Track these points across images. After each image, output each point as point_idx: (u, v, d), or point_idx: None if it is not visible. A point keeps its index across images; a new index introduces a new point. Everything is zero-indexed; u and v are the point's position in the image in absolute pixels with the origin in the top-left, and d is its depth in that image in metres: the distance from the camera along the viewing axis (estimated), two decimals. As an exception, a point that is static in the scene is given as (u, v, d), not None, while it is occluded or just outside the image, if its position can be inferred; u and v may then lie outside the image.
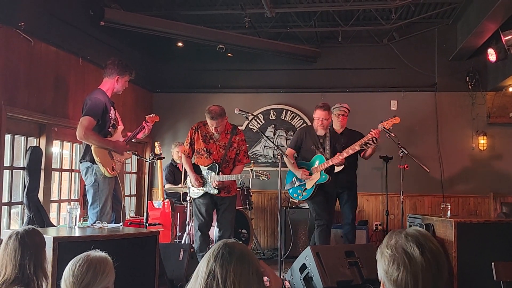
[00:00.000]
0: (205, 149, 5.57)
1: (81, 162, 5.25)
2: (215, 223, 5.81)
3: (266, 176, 5.54)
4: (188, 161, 5.70)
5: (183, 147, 5.78)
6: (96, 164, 5.09)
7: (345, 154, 5.83)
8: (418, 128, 8.39)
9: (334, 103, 6.55)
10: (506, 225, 5.37)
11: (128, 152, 5.51)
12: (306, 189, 5.96)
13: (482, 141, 8.21)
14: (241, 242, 2.06)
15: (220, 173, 5.50)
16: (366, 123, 6.72)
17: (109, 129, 5.29)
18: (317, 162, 5.95)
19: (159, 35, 7.58)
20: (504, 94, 8.12)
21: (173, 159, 7.75)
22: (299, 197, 6.04)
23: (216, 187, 5.46)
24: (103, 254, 2.31)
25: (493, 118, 8.23)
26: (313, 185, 5.89)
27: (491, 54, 7.03)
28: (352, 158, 6.16)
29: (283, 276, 5.35)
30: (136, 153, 5.59)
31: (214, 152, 5.56)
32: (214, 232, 5.88)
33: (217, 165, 5.51)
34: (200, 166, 5.63)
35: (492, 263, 3.15)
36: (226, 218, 5.59)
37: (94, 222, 4.73)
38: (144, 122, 5.64)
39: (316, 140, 6.05)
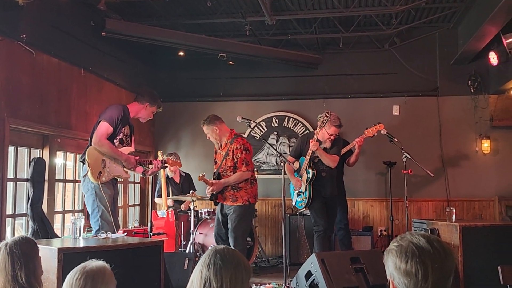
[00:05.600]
0: (215, 159, 5.80)
1: (82, 163, 5.16)
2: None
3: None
4: None
5: None
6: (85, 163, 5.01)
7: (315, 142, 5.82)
8: (421, 132, 8.36)
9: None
10: (511, 228, 5.36)
11: (127, 171, 5.34)
12: (303, 193, 5.97)
13: (486, 145, 8.18)
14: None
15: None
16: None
17: (115, 142, 5.19)
18: (300, 164, 6.04)
19: (160, 44, 7.59)
20: (506, 97, 8.09)
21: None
22: (302, 204, 6.02)
23: (209, 192, 5.56)
24: (100, 262, 2.28)
25: (496, 121, 8.19)
26: (306, 186, 5.92)
27: (493, 57, 7.02)
28: (338, 164, 6.10)
29: (288, 284, 5.33)
30: (139, 161, 5.46)
31: (218, 162, 5.70)
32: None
33: (216, 173, 5.63)
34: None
35: (499, 267, 3.14)
36: (234, 227, 5.48)
37: (98, 231, 4.72)
38: (156, 159, 5.53)
39: None
